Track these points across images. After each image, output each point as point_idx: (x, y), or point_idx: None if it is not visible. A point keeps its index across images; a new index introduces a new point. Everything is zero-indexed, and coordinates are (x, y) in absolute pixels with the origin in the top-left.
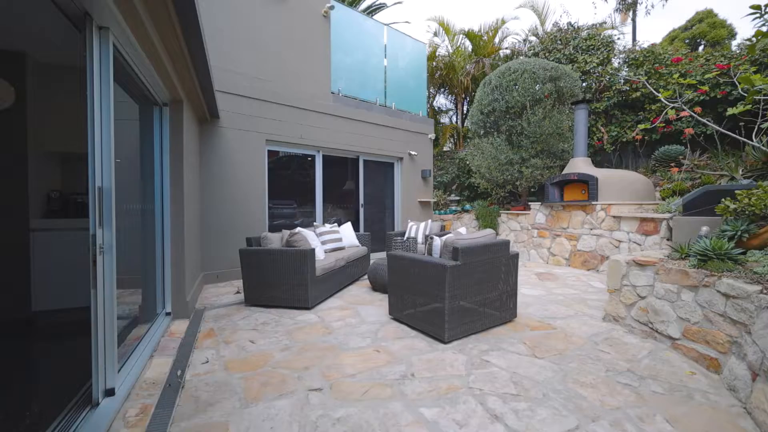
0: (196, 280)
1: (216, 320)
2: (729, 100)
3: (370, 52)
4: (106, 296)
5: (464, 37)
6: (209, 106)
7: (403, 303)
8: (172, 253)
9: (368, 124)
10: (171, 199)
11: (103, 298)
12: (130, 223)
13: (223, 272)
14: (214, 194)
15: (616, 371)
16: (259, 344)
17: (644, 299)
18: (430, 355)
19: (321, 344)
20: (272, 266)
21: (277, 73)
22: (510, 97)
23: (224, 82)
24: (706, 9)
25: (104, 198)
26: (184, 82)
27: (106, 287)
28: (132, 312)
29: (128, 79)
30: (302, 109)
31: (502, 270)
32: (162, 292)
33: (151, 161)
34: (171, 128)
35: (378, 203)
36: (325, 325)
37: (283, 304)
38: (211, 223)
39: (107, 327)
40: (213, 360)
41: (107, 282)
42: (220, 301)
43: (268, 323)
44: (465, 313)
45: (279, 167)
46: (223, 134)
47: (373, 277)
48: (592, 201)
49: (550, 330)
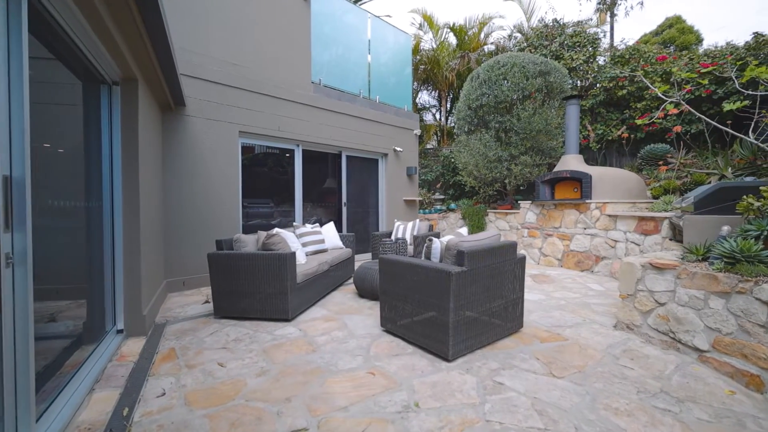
0: (158, 288)
1: (179, 337)
2: (713, 99)
3: (353, 41)
4: (18, 322)
5: (449, 31)
6: (173, 91)
7: (396, 313)
8: (126, 259)
9: (351, 117)
10: (124, 195)
11: (12, 325)
12: (74, 223)
13: (190, 279)
14: (181, 191)
15: (648, 393)
16: (230, 368)
17: (663, 306)
18: (434, 377)
19: (304, 366)
20: (246, 272)
21: (252, 59)
22: (499, 92)
23: (192, 65)
24: (675, 15)
25: (15, 191)
26: (139, 57)
27: (17, 310)
28: (75, 329)
29: (64, 48)
30: (280, 99)
31: (509, 275)
32: (112, 306)
33: (98, 150)
34: (123, 111)
35: (361, 202)
36: (309, 340)
37: (258, 315)
38: (176, 223)
39: (19, 364)
40: (171, 391)
41: (19, 304)
42: (186, 312)
43: (240, 340)
44: (471, 325)
45: (255, 163)
46: (190, 124)
47: (360, 282)
48: (585, 199)
49: (562, 342)
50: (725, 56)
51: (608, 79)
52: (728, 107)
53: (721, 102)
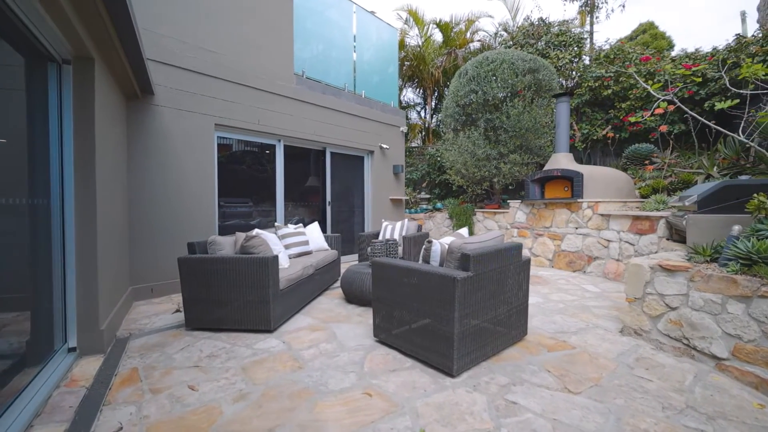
0: (120, 297)
1: (144, 354)
2: (695, 100)
3: (338, 33)
4: None
5: (435, 27)
6: (139, 77)
7: (391, 322)
8: (79, 265)
9: (336, 112)
10: (76, 192)
11: None
12: (14, 223)
13: (159, 285)
14: (151, 188)
15: (674, 409)
16: (203, 391)
17: (675, 310)
18: (439, 396)
19: (290, 386)
20: (223, 278)
21: (230, 46)
22: (488, 89)
23: (162, 49)
24: (648, 21)
25: None
26: (95, 32)
27: None
28: (17, 349)
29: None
30: (260, 90)
31: (515, 279)
32: (62, 320)
33: (44, 138)
34: (76, 95)
35: (346, 201)
36: (294, 354)
37: (236, 326)
38: (144, 224)
39: None
40: (131, 425)
41: None
42: (153, 324)
43: (216, 356)
44: (476, 335)
45: (232, 160)
46: (160, 115)
47: (348, 286)
48: (577, 198)
49: (570, 350)
50: (706, 58)
51: (594, 78)
52: (719, 106)
53: (703, 102)
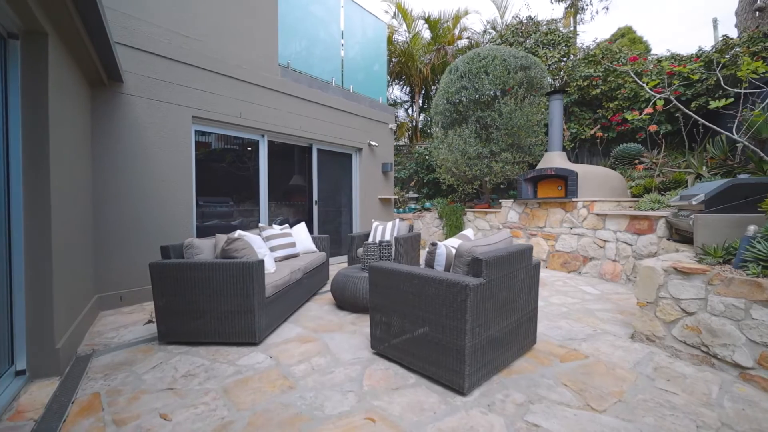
0: (83, 308)
1: (108, 375)
2: (681, 101)
3: (325, 23)
4: None
5: (424, 23)
6: (105, 60)
7: (391, 333)
8: (29, 274)
9: (323, 106)
10: (25, 189)
11: None
12: None
13: (129, 293)
14: (119, 186)
15: (709, 427)
16: (178, 421)
17: (692, 316)
18: (452, 420)
19: (281, 411)
20: (201, 286)
21: (209, 32)
22: (480, 85)
23: (132, 33)
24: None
25: None
26: (48, 1)
27: None
28: None
29: None
30: (243, 81)
31: (525, 284)
32: (8, 337)
33: None
34: (25, 76)
35: (334, 200)
36: (283, 371)
37: (217, 339)
38: (112, 226)
39: None
40: None
41: None
42: (122, 337)
43: (193, 375)
44: (488, 347)
45: (212, 156)
46: (130, 104)
47: (340, 292)
48: (572, 197)
49: (583, 360)
50: (691, 59)
51: (582, 78)
52: (714, 105)
53: (689, 103)
